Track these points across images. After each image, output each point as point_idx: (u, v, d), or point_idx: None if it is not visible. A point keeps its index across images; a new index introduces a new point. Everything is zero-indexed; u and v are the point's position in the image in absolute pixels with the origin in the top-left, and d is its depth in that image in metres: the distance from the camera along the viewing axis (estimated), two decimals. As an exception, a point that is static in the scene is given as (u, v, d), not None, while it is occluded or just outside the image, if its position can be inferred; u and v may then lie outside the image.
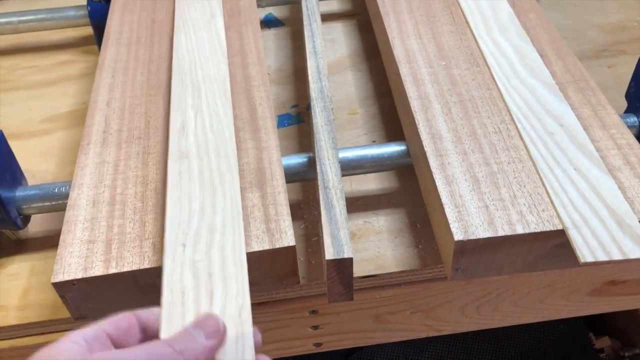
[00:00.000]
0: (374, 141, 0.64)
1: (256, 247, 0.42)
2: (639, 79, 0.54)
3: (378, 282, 0.53)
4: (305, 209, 0.57)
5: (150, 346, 0.30)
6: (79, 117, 0.69)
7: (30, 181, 0.58)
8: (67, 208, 0.46)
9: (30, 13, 0.75)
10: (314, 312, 0.54)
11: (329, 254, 0.41)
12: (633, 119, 0.55)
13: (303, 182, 0.59)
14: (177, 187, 0.44)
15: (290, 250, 0.42)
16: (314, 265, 0.52)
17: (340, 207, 0.44)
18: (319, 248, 0.53)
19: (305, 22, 0.63)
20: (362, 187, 0.59)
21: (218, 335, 0.31)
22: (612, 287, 0.57)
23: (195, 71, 0.55)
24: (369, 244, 0.54)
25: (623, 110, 0.57)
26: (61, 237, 0.44)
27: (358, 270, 0.52)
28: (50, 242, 0.56)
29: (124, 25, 0.63)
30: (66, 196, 0.52)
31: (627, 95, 0.56)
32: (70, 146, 0.66)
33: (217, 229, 0.41)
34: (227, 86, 0.54)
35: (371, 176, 0.60)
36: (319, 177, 0.46)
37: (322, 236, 0.43)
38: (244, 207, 0.45)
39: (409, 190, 0.58)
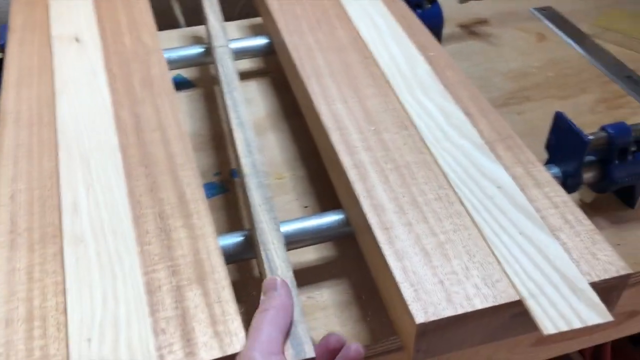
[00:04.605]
0: (307, 206, 0.62)
1: (205, 356, 0.38)
2: (559, 132, 0.56)
3: (330, 363, 0.50)
4: (242, 289, 0.54)
5: None
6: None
7: None
8: (-25, 333, 0.39)
9: None
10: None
11: (290, 355, 0.37)
12: (555, 170, 0.57)
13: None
14: (75, 276, 0.42)
15: (243, 354, 0.38)
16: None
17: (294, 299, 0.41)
18: (263, 333, 0.50)
19: (225, 89, 0.61)
20: (300, 259, 0.56)
21: None
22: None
23: (82, 140, 0.53)
24: (315, 321, 0.51)
25: (541, 160, 0.59)
26: (-30, 372, 0.37)
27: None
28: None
29: (22, 104, 0.57)
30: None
31: (548, 147, 0.58)
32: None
33: (122, 320, 0.39)
34: (118, 155, 0.51)
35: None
36: (266, 267, 0.43)
37: (277, 334, 0.39)
38: (185, 308, 0.40)
39: (348, 259, 0.56)
